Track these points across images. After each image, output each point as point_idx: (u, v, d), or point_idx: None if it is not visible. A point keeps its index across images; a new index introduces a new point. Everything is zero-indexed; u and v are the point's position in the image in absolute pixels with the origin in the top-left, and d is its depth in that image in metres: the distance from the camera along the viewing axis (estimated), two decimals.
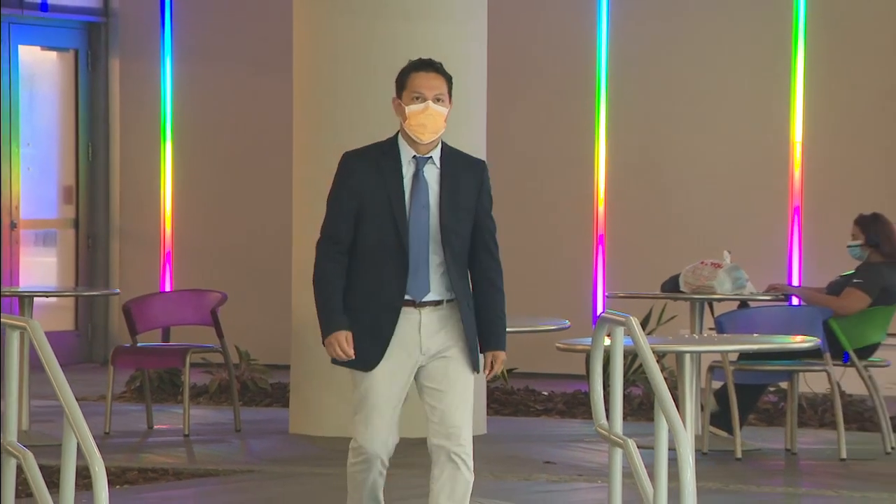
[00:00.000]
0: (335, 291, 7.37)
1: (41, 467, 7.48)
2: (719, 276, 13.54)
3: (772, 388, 13.86)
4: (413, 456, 9.21)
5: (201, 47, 18.24)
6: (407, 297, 7.34)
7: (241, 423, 13.59)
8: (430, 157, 7.36)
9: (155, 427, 13.73)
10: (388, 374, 7.39)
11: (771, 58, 16.61)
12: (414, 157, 7.34)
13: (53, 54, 18.79)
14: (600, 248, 16.99)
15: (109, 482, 7.45)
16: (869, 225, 13.17)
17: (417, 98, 7.29)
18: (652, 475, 7.78)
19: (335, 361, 7.59)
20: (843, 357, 12.82)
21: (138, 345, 14.01)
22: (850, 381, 13.24)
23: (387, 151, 7.38)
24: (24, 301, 14.32)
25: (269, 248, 16.25)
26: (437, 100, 7.29)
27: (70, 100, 18.67)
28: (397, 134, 7.41)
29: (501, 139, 14.71)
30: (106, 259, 18.66)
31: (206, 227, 18.23)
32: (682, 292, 13.57)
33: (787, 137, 16.57)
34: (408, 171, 7.34)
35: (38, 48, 18.60)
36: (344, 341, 7.36)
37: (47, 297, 17.55)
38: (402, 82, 7.42)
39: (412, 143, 7.34)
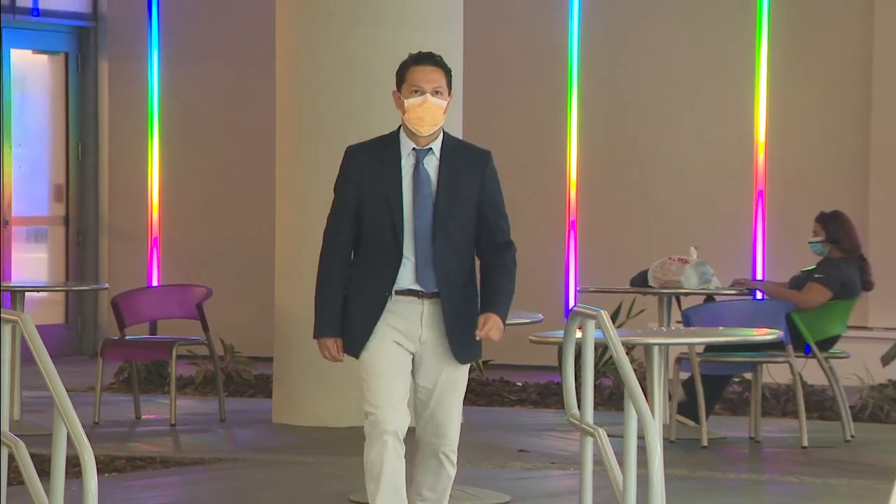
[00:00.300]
0: (335, 289, 7.36)
1: (32, 456, 7.49)
2: (686, 271, 13.57)
3: (736, 379, 13.90)
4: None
5: (187, 51, 18.23)
6: (414, 286, 7.28)
7: (225, 413, 13.60)
8: (431, 148, 7.26)
9: (142, 417, 13.73)
10: (390, 345, 7.33)
11: (736, 60, 16.62)
12: (414, 149, 7.25)
13: (44, 57, 18.77)
14: (572, 243, 17.00)
15: (98, 470, 7.46)
16: (829, 222, 13.22)
17: (416, 91, 7.19)
18: (622, 463, 7.80)
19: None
20: (804, 349, 12.86)
21: (126, 338, 14.03)
22: (811, 371, 13.27)
23: (388, 144, 7.28)
24: (16, 296, 14.33)
25: (252, 245, 16.26)
26: (436, 92, 7.19)
27: (60, 101, 18.64)
28: (399, 127, 7.32)
29: (477, 139, 14.72)
30: (95, 255, 18.65)
31: (192, 224, 18.22)
32: (650, 287, 13.59)
33: (750, 138, 16.59)
34: (408, 162, 7.25)
35: (29, 51, 18.59)
36: (333, 347, 7.35)
37: (38, 291, 17.50)
38: (401, 76, 7.32)
39: (412, 135, 7.25)
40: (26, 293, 15.02)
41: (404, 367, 7.31)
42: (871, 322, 14.91)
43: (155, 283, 18.01)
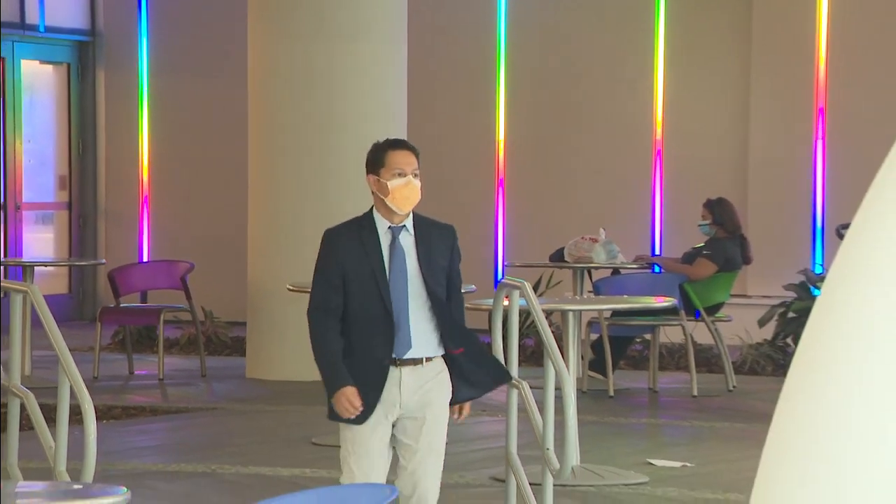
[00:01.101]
0: (334, 354, 6.49)
1: (40, 406, 7.50)
2: (596, 248, 13.66)
3: (638, 340, 13.99)
4: None
5: (171, 62, 18.21)
6: (395, 356, 6.50)
7: (206, 370, 13.63)
8: (404, 225, 6.58)
9: (135, 372, 13.74)
10: (375, 432, 6.50)
11: (637, 67, 16.70)
12: (389, 227, 6.55)
13: (50, 67, 18.72)
14: (500, 224, 17.04)
15: (97, 418, 7.48)
16: (715, 207, 13.36)
17: (400, 174, 6.51)
18: (542, 410, 7.87)
19: (333, 417, 6.60)
20: (694, 314, 12.99)
21: (121, 305, 14.11)
22: (700, 333, 13.38)
23: (365, 225, 6.59)
24: (26, 270, 14.49)
25: (229, 226, 16.23)
26: (415, 175, 6.57)
27: (63, 105, 18.61)
28: (372, 208, 6.63)
29: (420, 132, 14.77)
30: (94, 235, 18.62)
31: (177, 209, 18.21)
32: (565, 262, 13.69)
33: (650, 141, 16.68)
34: (385, 240, 6.55)
35: (37, 62, 18.54)
36: (352, 396, 6.41)
37: (45, 266, 17.54)
38: (379, 160, 6.62)
39: (388, 214, 6.56)
40: (35, 267, 15.20)
41: (383, 446, 6.57)
42: (750, 291, 15.01)
43: (145, 258, 17.97)
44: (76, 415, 7.40)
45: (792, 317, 13.55)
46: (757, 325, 13.99)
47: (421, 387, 6.51)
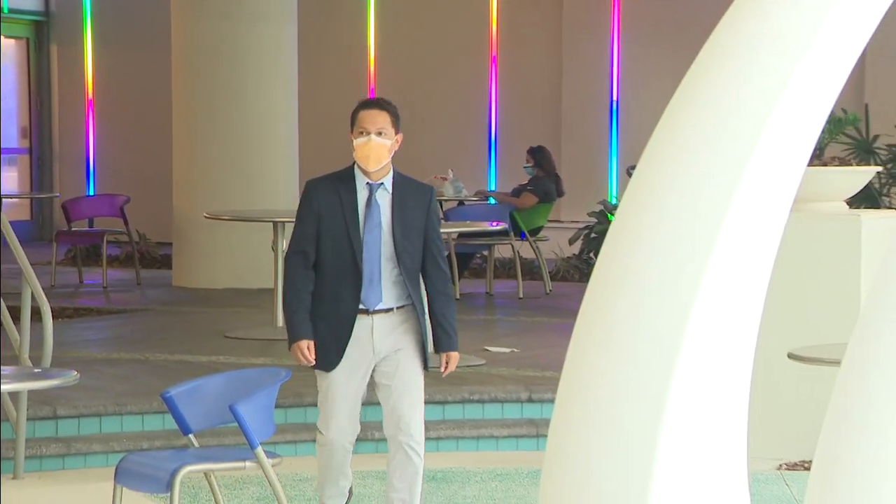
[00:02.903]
0: (301, 302, 5.62)
1: (8, 308, 7.46)
2: (446, 185, 13.72)
3: (478, 255, 14.06)
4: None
5: (111, 37, 17.93)
6: (361, 306, 5.62)
7: (140, 279, 13.50)
8: (382, 183, 5.69)
9: (84, 282, 13.57)
10: (345, 374, 5.64)
11: (474, 40, 16.71)
12: (367, 183, 5.68)
13: (13, 41, 18.38)
14: None
15: (53, 317, 7.47)
16: (536, 153, 13.52)
17: (362, 133, 5.64)
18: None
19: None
20: (521, 235, 13.08)
21: (72, 229, 13.95)
22: (525, 249, 13.46)
23: (345, 179, 5.70)
24: None
25: (158, 166, 16.02)
26: (380, 133, 5.67)
27: (24, 71, 18.29)
28: (353, 164, 5.73)
29: (309, 96, 14.67)
30: (50, 174, 18.38)
31: (116, 153, 17.98)
32: None
33: (485, 99, 16.73)
34: (362, 195, 5.66)
35: (2, 37, 18.25)
36: (306, 349, 5.57)
37: (10, 198, 17.30)
38: (352, 119, 5.74)
39: (365, 171, 5.69)
40: (3, 199, 14.97)
41: (357, 390, 5.71)
42: (563, 217, 15.08)
43: (91, 192, 17.79)
44: (37, 315, 7.37)
45: (594, 237, 13.68)
46: (567, 243, 14.15)
47: (393, 331, 5.67)
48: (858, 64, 3.26)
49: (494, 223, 11.88)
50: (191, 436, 5.63)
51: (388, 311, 5.66)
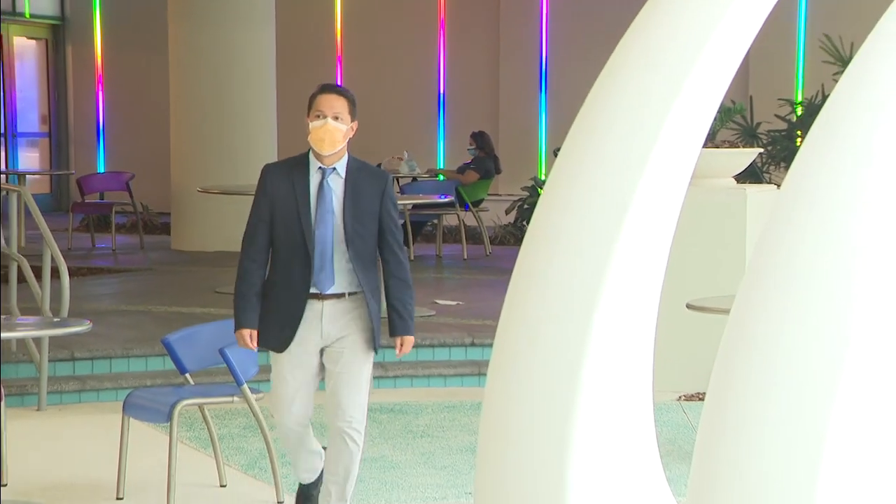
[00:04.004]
0: (250, 288, 4.79)
1: (31, 267, 7.42)
2: (402, 164, 13.70)
3: (429, 224, 14.07)
4: None
5: (117, 39, 17.80)
6: (312, 289, 4.76)
7: (143, 243, 13.44)
8: (335, 168, 4.82)
9: (96, 246, 13.52)
10: (294, 359, 4.81)
11: (424, 36, 16.65)
12: (320, 167, 4.81)
13: (34, 42, 18.24)
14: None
15: (70, 275, 7.44)
16: (478, 137, 13.54)
17: (319, 116, 4.79)
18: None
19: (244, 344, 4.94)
20: (465, 206, 13.09)
21: (85, 201, 13.88)
22: (468, 218, 13.49)
23: (298, 163, 4.86)
24: (21, 177, 14.34)
25: (158, 147, 15.91)
26: (336, 118, 4.81)
27: (44, 67, 18.14)
28: (309, 150, 4.87)
29: (287, 87, 14.61)
30: (67, 154, 18.24)
31: (123, 136, 17.88)
32: None
33: (436, 89, 16.69)
34: (314, 180, 4.80)
35: (25, 38, 18.08)
36: (248, 337, 4.79)
37: (33, 175, 17.18)
38: (310, 103, 4.89)
39: (318, 156, 4.82)
40: (27, 176, 14.93)
41: (307, 376, 4.86)
42: (500, 191, 15.11)
43: (101, 170, 17.68)
44: (55, 273, 7.34)
45: (526, 207, 13.71)
46: (504, 213, 14.17)
47: (342, 317, 4.80)
48: (743, 62, 3.28)
49: (443, 196, 11.88)
50: (187, 375, 5.63)
51: (339, 296, 4.78)
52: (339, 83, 16.73)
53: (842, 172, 2.56)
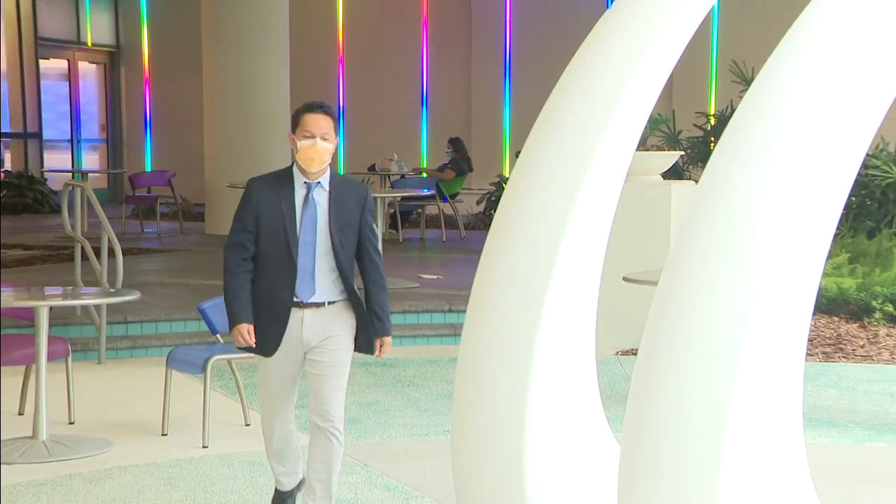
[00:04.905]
0: (240, 289, 4.12)
1: (92, 248, 7.38)
2: (392, 164, 13.66)
3: (415, 212, 14.05)
4: None
5: (162, 62, 17.73)
6: (295, 298, 4.09)
7: (183, 229, 13.35)
8: (320, 182, 4.12)
9: (144, 231, 13.45)
10: (279, 364, 4.13)
11: (407, 49, 16.53)
12: (305, 182, 4.11)
13: (94, 65, 18.13)
14: (343, 146, 16.89)
15: (123, 254, 7.40)
16: (454, 142, 13.53)
17: (308, 136, 4.08)
18: None
19: (239, 348, 4.18)
20: (444, 199, 13.07)
21: (136, 195, 13.82)
22: (447, 208, 13.48)
23: (283, 177, 4.15)
24: (84, 175, 14.27)
25: (195, 151, 15.86)
26: (324, 137, 4.08)
27: (103, 86, 18.08)
28: (293, 163, 4.17)
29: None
30: (121, 156, 18.16)
31: (166, 142, 17.81)
32: (376, 172, 13.67)
33: (419, 97, 16.66)
34: (300, 193, 4.11)
35: (87, 62, 17.98)
36: (245, 332, 4.08)
37: (94, 173, 17.06)
38: (296, 121, 4.14)
39: (303, 171, 4.12)
40: (89, 174, 14.84)
41: (292, 378, 4.18)
42: (473, 186, 15.09)
43: (149, 169, 17.60)
44: (111, 253, 7.31)
45: (493, 199, 13.71)
46: (476, 203, 14.16)
47: (323, 325, 4.11)
48: (668, 81, 3.30)
49: (426, 190, 11.86)
50: (217, 335, 5.62)
51: (320, 304, 4.10)
52: (342, 98, 16.72)
53: (746, 171, 2.60)
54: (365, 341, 4.14)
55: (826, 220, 2.47)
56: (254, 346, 4.09)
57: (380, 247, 4.21)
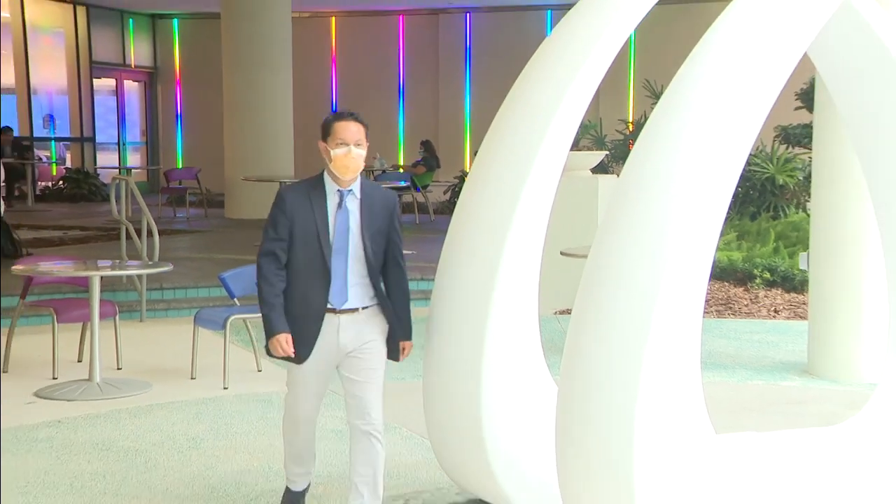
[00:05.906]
0: (277, 297, 3.27)
1: (135, 230, 7.29)
2: (375, 162, 13.60)
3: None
4: None
5: (192, 79, 17.53)
6: (329, 305, 3.28)
7: (207, 214, 13.16)
8: (352, 189, 3.32)
9: (176, 216, 13.25)
10: (312, 367, 3.31)
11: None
12: (338, 190, 3.30)
13: (136, 83, 17.90)
14: None
15: (158, 233, 7.32)
16: (425, 143, 13.50)
17: (342, 143, 3.28)
18: None
19: (271, 355, 3.31)
20: (417, 189, 13.00)
21: (169, 186, 13.63)
22: (420, 197, 13.41)
23: (315, 185, 3.33)
24: (129, 171, 14.21)
25: (217, 151, 15.63)
26: (357, 144, 3.30)
27: (143, 100, 17.80)
28: (323, 171, 3.34)
29: (301, 117, 14.39)
30: (157, 155, 17.97)
31: (195, 144, 17.64)
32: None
33: (395, 105, 16.60)
34: (332, 201, 3.30)
35: (130, 81, 17.77)
36: (284, 342, 3.25)
37: (136, 169, 16.88)
38: (327, 129, 3.32)
39: (335, 178, 3.30)
40: (132, 170, 14.70)
41: (322, 384, 3.37)
42: (440, 178, 15.02)
43: (179, 166, 17.42)
44: (150, 233, 7.24)
45: (457, 189, 13.62)
46: (443, 193, 14.10)
47: (359, 330, 3.31)
48: (595, 94, 3.32)
49: (402, 182, 11.81)
50: (235, 299, 5.59)
51: (353, 310, 3.31)
52: (334, 109, 16.59)
53: (657, 168, 2.64)
54: (393, 347, 3.38)
55: (718, 206, 2.51)
56: (293, 355, 3.29)
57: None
